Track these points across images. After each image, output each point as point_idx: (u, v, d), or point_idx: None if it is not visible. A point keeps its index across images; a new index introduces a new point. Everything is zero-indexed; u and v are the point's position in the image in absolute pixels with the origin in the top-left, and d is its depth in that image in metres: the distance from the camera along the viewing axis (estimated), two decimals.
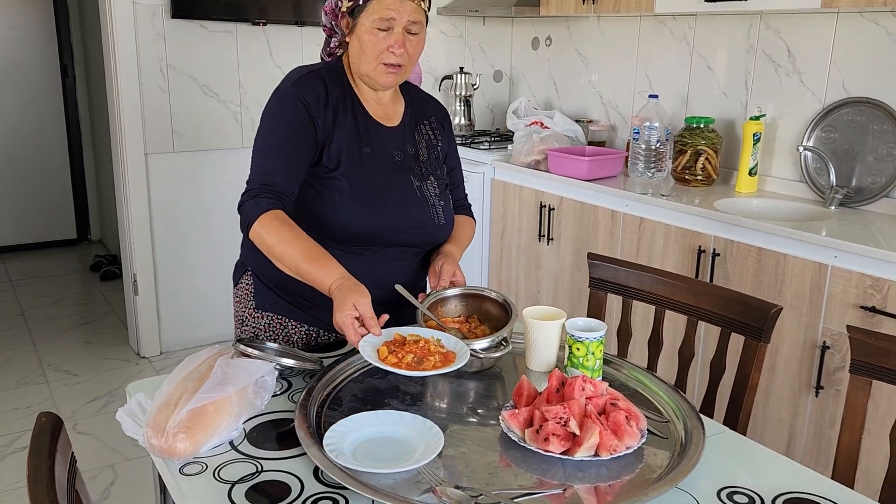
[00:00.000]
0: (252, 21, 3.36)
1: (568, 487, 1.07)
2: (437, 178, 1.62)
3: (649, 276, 1.67)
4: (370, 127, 1.55)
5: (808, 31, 2.65)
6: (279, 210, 1.42)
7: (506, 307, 1.50)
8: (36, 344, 3.60)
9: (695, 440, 1.17)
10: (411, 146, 1.60)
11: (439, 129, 1.68)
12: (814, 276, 2.20)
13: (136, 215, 3.33)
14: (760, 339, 1.45)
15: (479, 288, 1.56)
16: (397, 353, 1.27)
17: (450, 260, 1.57)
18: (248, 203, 1.43)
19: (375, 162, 1.53)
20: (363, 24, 1.46)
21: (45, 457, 0.84)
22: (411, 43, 1.49)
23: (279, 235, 1.40)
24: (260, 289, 1.60)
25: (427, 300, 1.50)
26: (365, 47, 1.47)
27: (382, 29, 1.45)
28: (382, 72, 1.49)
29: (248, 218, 1.42)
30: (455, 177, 1.74)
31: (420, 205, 1.56)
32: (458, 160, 1.75)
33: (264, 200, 1.42)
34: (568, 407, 1.15)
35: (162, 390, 1.20)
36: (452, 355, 1.28)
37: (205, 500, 1.05)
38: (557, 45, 3.69)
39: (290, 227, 1.42)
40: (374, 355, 1.26)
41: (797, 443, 2.30)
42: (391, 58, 1.47)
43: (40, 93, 4.92)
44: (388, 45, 1.46)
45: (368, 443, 1.16)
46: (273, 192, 1.44)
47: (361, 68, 1.50)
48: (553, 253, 3.10)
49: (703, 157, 2.80)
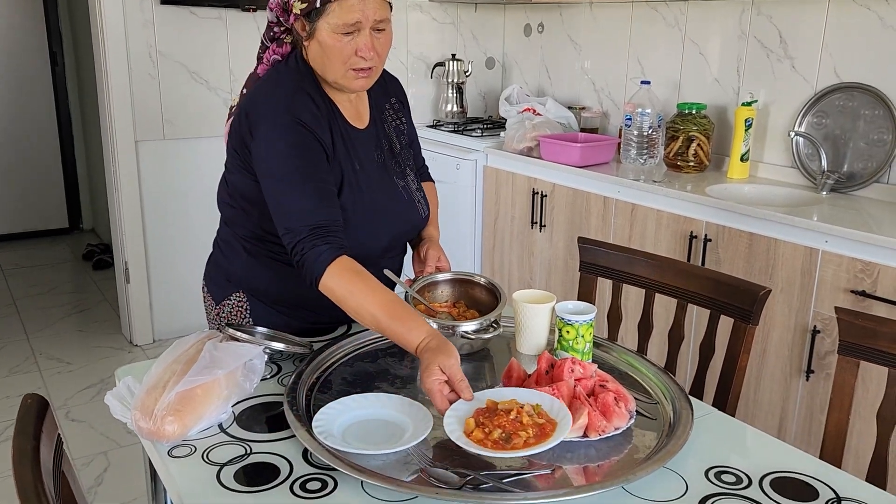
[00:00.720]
0: (242, 7, 3.33)
1: (557, 468, 1.08)
2: (411, 167, 1.59)
3: (639, 259, 1.67)
4: (351, 136, 1.46)
5: (799, 16, 2.64)
6: (343, 256, 1.30)
7: (494, 292, 1.50)
8: (28, 333, 3.59)
9: (683, 421, 1.17)
10: (385, 141, 1.54)
11: (401, 109, 1.61)
12: (805, 261, 2.20)
13: (127, 203, 3.31)
14: (749, 321, 1.45)
15: (467, 273, 1.56)
16: (485, 427, 1.08)
17: (433, 244, 1.55)
18: (308, 255, 1.29)
19: (363, 177, 1.46)
20: (322, 28, 1.33)
21: (31, 438, 0.84)
22: (379, 41, 1.36)
23: (352, 289, 1.28)
24: (256, 305, 1.55)
25: (416, 285, 1.49)
26: (330, 53, 1.34)
27: (346, 33, 1.33)
28: (352, 77, 1.37)
29: (314, 274, 1.30)
30: (414, 145, 1.66)
31: (408, 206, 1.54)
32: (414, 129, 1.65)
33: (324, 248, 1.29)
34: (557, 389, 1.16)
35: (150, 374, 1.20)
36: (550, 426, 1.08)
37: (193, 482, 1.05)
38: (550, 32, 3.67)
39: (362, 278, 1.30)
40: (460, 428, 1.09)
41: (788, 426, 2.31)
42: (360, 62, 1.35)
43: (30, 81, 4.88)
44: (355, 49, 1.34)
45: (357, 425, 1.16)
46: (328, 234, 1.31)
47: (328, 76, 1.39)
48: (546, 240, 3.10)
49: (695, 144, 2.80)
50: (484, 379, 1.36)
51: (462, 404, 1.14)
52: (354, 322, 1.57)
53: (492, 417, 1.09)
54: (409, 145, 1.63)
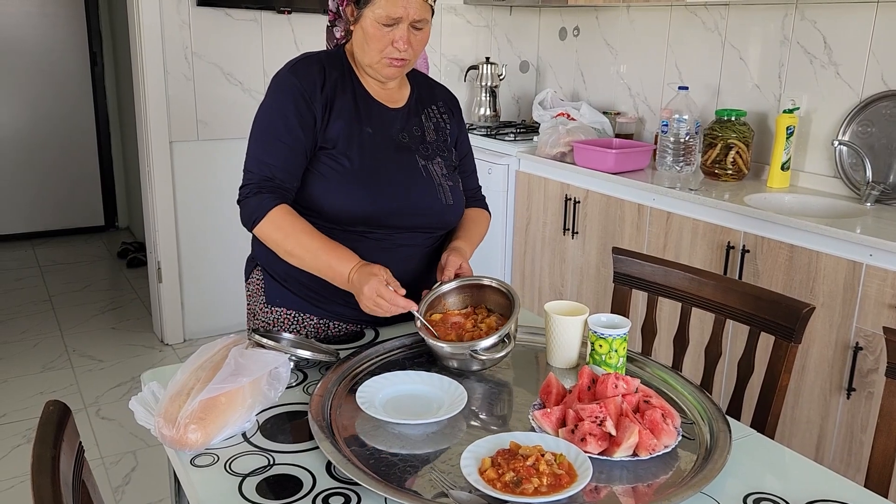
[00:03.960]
0: (277, 9, 3.34)
1: (602, 488, 1.04)
2: (445, 160, 1.58)
3: (676, 272, 1.62)
4: (372, 108, 1.52)
5: (845, 21, 2.56)
6: (285, 204, 1.42)
7: (505, 294, 1.44)
8: (62, 329, 3.64)
9: (720, 443, 1.13)
10: (417, 128, 1.56)
11: (448, 114, 1.64)
12: (847, 275, 2.13)
13: (161, 203, 3.34)
14: (791, 339, 1.40)
15: (475, 277, 1.49)
16: (499, 468, 1.04)
17: (455, 253, 1.51)
18: (252, 200, 1.43)
19: (377, 141, 1.50)
20: (367, 17, 1.42)
21: (50, 447, 0.83)
22: (416, 37, 1.45)
23: (289, 230, 1.40)
24: (270, 284, 1.58)
25: (425, 301, 1.43)
26: (369, 40, 1.44)
27: (387, 25, 1.42)
28: (385, 65, 1.46)
29: (253, 215, 1.42)
30: (467, 165, 1.69)
31: (426, 184, 1.52)
32: (469, 149, 1.69)
33: (268, 196, 1.42)
34: (604, 405, 1.12)
35: (175, 380, 1.19)
36: (568, 479, 1.03)
37: (215, 492, 1.04)
38: (585, 36, 3.62)
39: (299, 221, 1.41)
40: (474, 465, 1.06)
41: (827, 446, 2.24)
42: (395, 53, 1.44)
43: (70, 80, 4.96)
44: (392, 41, 1.43)
45: (397, 399, 1.26)
46: (275, 186, 1.43)
47: (364, 59, 1.48)
48: (578, 247, 3.05)
49: (734, 151, 2.73)
50: (511, 392, 1.33)
51: (486, 442, 1.10)
52: (377, 326, 1.56)
53: (510, 460, 1.05)
54: (452, 145, 1.62)
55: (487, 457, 1.07)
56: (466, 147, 1.68)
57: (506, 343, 1.35)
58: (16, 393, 3.01)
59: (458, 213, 1.59)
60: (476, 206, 1.70)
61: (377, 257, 1.45)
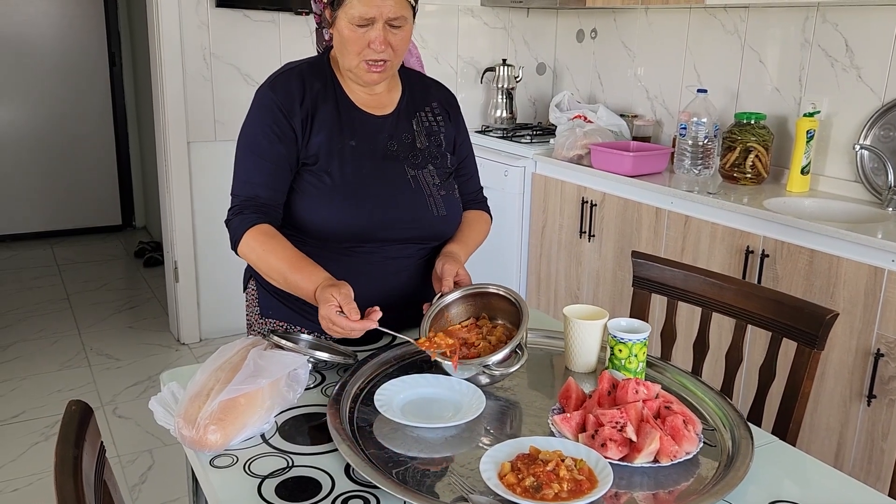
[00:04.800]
0: (295, 10, 3.35)
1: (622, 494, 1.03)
2: (438, 167, 1.51)
3: (697, 276, 1.60)
4: (355, 117, 1.47)
5: (868, 24, 2.53)
6: (265, 224, 1.40)
7: (511, 301, 1.40)
8: (80, 328, 3.67)
9: (743, 450, 1.11)
10: (407, 134, 1.51)
11: (443, 115, 1.57)
12: (869, 281, 2.10)
13: (178, 203, 3.36)
14: (814, 346, 1.38)
15: (478, 285, 1.44)
16: (519, 473, 1.03)
17: (450, 260, 1.45)
18: (235, 220, 1.42)
19: (361, 153, 1.45)
20: (342, 18, 1.38)
21: (73, 446, 0.83)
22: (395, 37, 1.39)
23: (264, 249, 1.38)
24: (263, 295, 1.57)
25: (428, 315, 1.38)
26: (346, 43, 1.39)
27: (361, 25, 1.37)
28: (364, 70, 1.41)
29: (235, 235, 1.41)
30: (467, 168, 1.62)
31: (415, 195, 1.47)
32: (469, 149, 1.62)
33: (249, 216, 1.40)
34: (625, 411, 1.11)
35: (194, 380, 1.19)
36: (589, 484, 1.02)
37: (234, 493, 1.04)
38: (603, 38, 3.61)
39: (276, 239, 1.39)
40: (494, 469, 1.05)
41: (846, 453, 2.21)
42: (373, 54, 1.39)
43: (88, 80, 5.00)
44: (368, 42, 1.38)
45: (415, 402, 1.25)
46: (258, 206, 1.41)
47: (345, 63, 1.44)
48: (594, 250, 3.03)
49: (753, 155, 2.71)
50: (520, 402, 1.32)
51: (505, 447, 1.09)
52: (392, 335, 1.54)
53: (529, 465, 1.04)
54: (448, 149, 1.56)
55: (507, 461, 1.06)
56: (467, 149, 1.62)
57: (518, 354, 1.31)
58: (34, 391, 3.03)
59: (452, 224, 1.53)
60: (476, 207, 1.64)
61: (368, 272, 1.43)
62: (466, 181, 1.62)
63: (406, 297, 1.45)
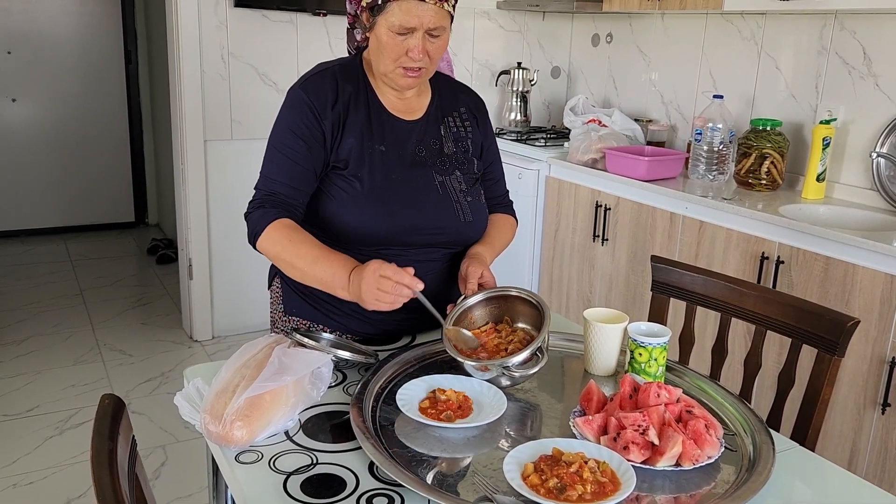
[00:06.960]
0: (312, 11, 3.37)
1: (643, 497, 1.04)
2: (465, 173, 1.53)
3: (716, 281, 1.61)
4: (385, 122, 1.48)
5: (887, 32, 2.53)
6: (285, 218, 1.40)
7: (534, 303, 1.40)
8: (93, 323, 3.69)
9: (764, 455, 1.12)
10: (435, 140, 1.52)
11: (471, 120, 1.58)
12: (885, 288, 2.10)
13: (194, 201, 3.38)
14: (834, 352, 1.38)
15: (501, 288, 1.43)
16: (542, 474, 1.04)
17: (475, 261, 1.46)
18: (254, 214, 1.42)
19: (390, 159, 1.46)
20: (381, 25, 1.38)
21: (107, 439, 0.84)
22: (433, 46, 1.40)
23: (290, 241, 1.37)
24: (288, 293, 1.58)
25: (451, 317, 1.39)
26: (383, 49, 1.40)
27: (401, 34, 1.37)
28: (400, 75, 1.42)
29: (254, 229, 1.41)
30: (493, 172, 1.64)
31: (442, 201, 1.48)
32: (496, 154, 1.64)
33: (270, 210, 1.40)
34: (647, 415, 1.12)
35: (219, 377, 1.20)
36: (612, 486, 1.03)
37: (260, 489, 1.05)
38: (618, 42, 3.61)
39: (298, 232, 1.39)
40: (517, 470, 1.06)
41: (860, 461, 2.21)
42: (410, 62, 1.39)
43: (104, 78, 5.04)
44: (406, 50, 1.38)
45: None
46: (279, 201, 1.42)
47: (380, 68, 1.44)
48: (608, 254, 3.04)
49: (769, 161, 2.71)
50: (541, 404, 1.33)
51: (528, 448, 1.09)
52: (414, 333, 1.56)
53: (553, 466, 1.05)
54: (475, 155, 1.57)
55: (530, 462, 1.07)
56: (494, 153, 1.63)
57: (538, 357, 1.31)
58: (49, 385, 3.06)
59: (478, 230, 1.54)
60: (502, 211, 1.66)
61: None
62: (493, 185, 1.64)
63: (433, 299, 1.45)
